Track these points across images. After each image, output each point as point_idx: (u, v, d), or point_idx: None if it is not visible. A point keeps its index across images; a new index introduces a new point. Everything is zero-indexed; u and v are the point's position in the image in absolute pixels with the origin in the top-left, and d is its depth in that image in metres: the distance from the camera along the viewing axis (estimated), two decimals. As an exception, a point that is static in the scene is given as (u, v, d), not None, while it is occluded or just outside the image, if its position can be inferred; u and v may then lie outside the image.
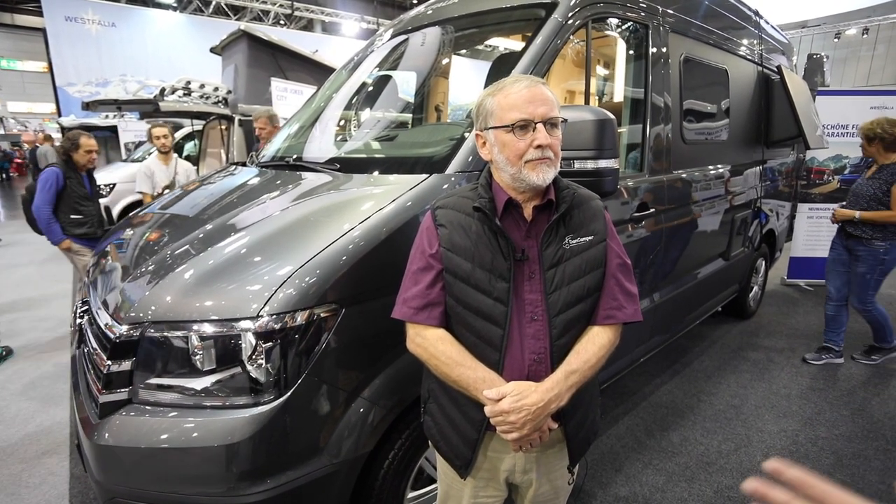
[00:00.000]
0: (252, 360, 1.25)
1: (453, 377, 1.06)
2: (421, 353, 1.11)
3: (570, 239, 1.08)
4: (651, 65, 2.34)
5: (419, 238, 1.13)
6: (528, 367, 1.06)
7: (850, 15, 20.07)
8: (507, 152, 1.03)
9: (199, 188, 2.32)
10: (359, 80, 2.66)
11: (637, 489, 2.17)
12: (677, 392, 3.04)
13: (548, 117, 1.01)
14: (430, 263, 1.09)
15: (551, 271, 1.06)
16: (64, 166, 3.43)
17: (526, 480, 1.19)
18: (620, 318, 1.10)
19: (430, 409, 1.22)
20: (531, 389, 1.01)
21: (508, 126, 1.02)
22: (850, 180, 5.08)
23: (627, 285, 1.12)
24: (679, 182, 2.56)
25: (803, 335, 3.94)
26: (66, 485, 2.24)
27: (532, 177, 1.02)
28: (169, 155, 4.34)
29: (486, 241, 1.06)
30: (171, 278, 1.38)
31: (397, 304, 1.13)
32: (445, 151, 1.65)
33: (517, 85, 1.03)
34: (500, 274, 1.05)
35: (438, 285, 1.09)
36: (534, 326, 1.06)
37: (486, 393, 1.02)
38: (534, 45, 1.81)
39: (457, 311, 1.08)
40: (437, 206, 1.13)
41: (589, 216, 1.11)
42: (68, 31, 14.63)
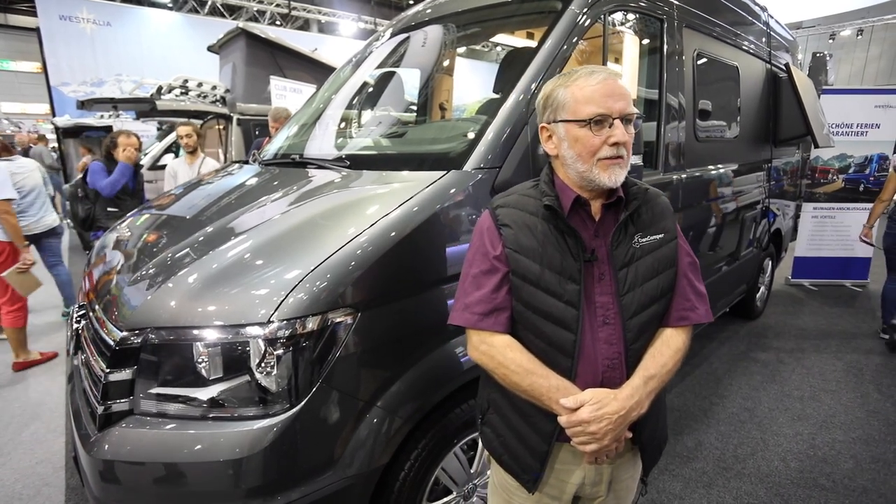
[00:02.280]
0: (261, 368, 1.18)
1: (524, 386, 0.99)
2: (487, 361, 1.03)
3: (639, 238, 1.02)
4: (665, 60, 2.28)
5: (478, 239, 1.06)
6: (602, 374, 1.00)
7: (844, 16, 20.19)
8: (580, 148, 0.97)
9: (206, 187, 2.25)
10: (362, 77, 2.59)
11: (655, 496, 2.11)
12: (689, 395, 2.98)
13: (625, 113, 0.95)
14: (494, 266, 1.02)
15: (623, 271, 1.00)
16: (106, 161, 3.70)
17: (594, 493, 1.12)
18: (694, 319, 1.05)
19: (490, 421, 1.14)
20: (611, 397, 0.95)
21: (584, 121, 0.95)
22: (854, 179, 5.07)
23: (698, 285, 1.08)
24: (692, 180, 2.51)
25: (811, 336, 3.90)
26: (61, 495, 2.15)
27: (603, 177, 0.96)
28: (196, 154, 4.26)
29: (553, 242, 1.00)
30: (174, 282, 1.30)
31: (456, 311, 1.05)
32: (462, 147, 1.58)
33: (594, 77, 0.96)
34: (570, 276, 0.99)
35: (504, 289, 1.02)
36: (606, 330, 1.00)
37: (563, 402, 0.95)
38: (551, 39, 1.74)
39: (525, 317, 1.02)
40: (497, 204, 1.07)
41: (658, 213, 1.05)
42: (63, 30, 14.45)
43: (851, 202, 5.07)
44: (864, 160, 5.01)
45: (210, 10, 17.81)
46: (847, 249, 5.14)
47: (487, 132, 1.56)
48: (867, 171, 5.02)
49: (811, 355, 3.52)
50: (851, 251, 5.13)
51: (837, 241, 5.15)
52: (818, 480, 2.22)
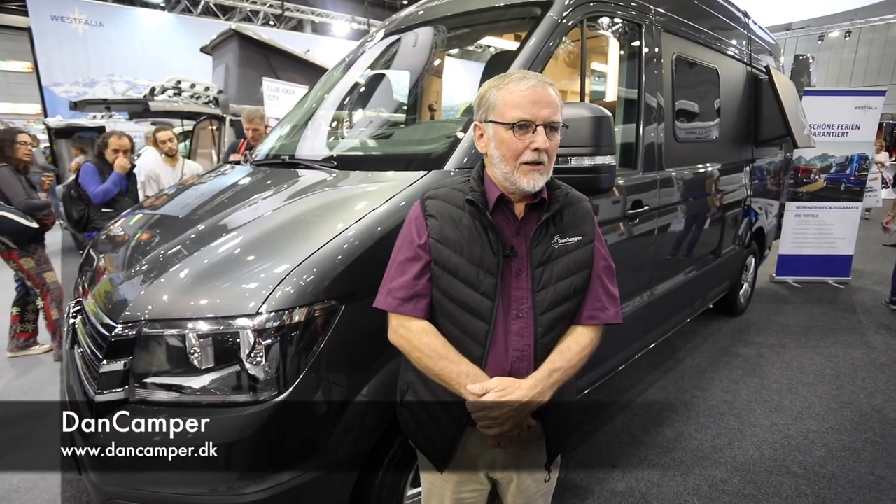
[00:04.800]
0: (251, 357, 1.24)
1: (436, 370, 1.05)
2: (403, 344, 1.10)
3: (559, 238, 1.08)
4: (644, 64, 2.36)
5: (406, 227, 1.12)
6: (510, 364, 1.06)
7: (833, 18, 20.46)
8: (504, 149, 1.03)
9: (198, 187, 2.30)
10: (353, 79, 2.66)
11: (633, 484, 2.19)
12: (671, 388, 3.07)
13: (549, 121, 1.01)
14: (418, 254, 1.08)
15: (539, 269, 1.07)
16: (98, 162, 3.69)
17: (506, 476, 1.19)
18: (603, 319, 1.11)
19: (407, 402, 1.19)
20: (515, 386, 1.01)
21: (509, 124, 1.01)
22: (836, 179, 5.18)
23: (611, 288, 1.14)
24: (672, 180, 2.59)
25: (793, 331, 4.00)
26: (57, 489, 2.20)
27: (522, 182, 1.02)
28: (175, 157, 4.30)
29: (476, 236, 1.05)
30: (167, 277, 1.37)
31: (381, 294, 1.11)
32: (443, 148, 1.66)
33: (523, 83, 1.02)
34: (488, 269, 1.05)
35: (426, 277, 1.08)
36: (519, 323, 1.06)
37: (469, 387, 1.01)
38: (529, 43, 1.82)
39: (442, 305, 1.08)
40: (428, 196, 1.12)
41: (579, 217, 1.11)
42: (54, 30, 14.39)
43: (833, 201, 5.19)
44: (844, 160, 5.13)
45: (203, 10, 17.77)
46: (830, 247, 5.26)
47: (466, 134, 1.63)
48: (848, 170, 5.14)
49: (791, 350, 3.62)
50: (834, 249, 5.25)
51: (820, 239, 5.26)
52: (790, 468, 2.31)
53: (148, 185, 4.23)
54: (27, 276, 3.35)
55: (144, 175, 4.27)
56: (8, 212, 3.15)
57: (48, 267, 3.43)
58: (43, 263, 3.40)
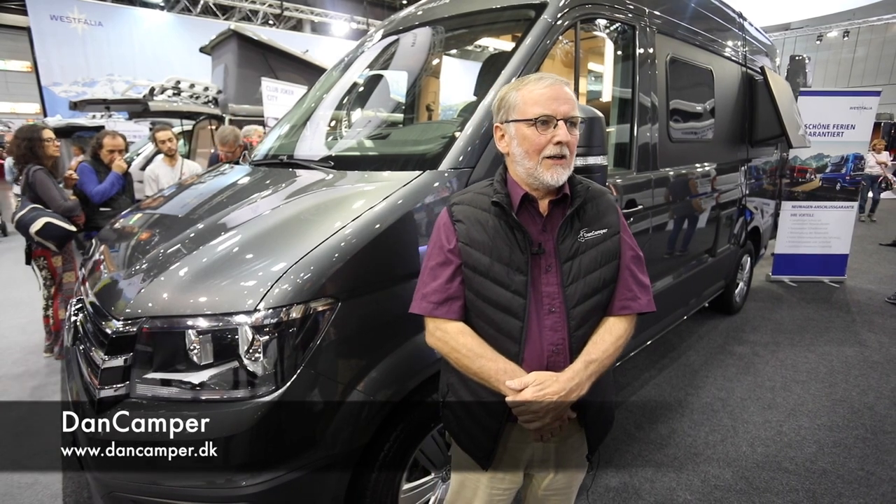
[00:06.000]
0: (249, 354, 1.27)
1: (474, 369, 1.08)
2: (441, 346, 1.13)
3: (584, 232, 1.11)
4: (638, 65, 2.39)
5: (436, 234, 1.16)
6: (547, 359, 1.09)
7: (831, 18, 20.52)
8: (527, 145, 1.06)
9: (197, 187, 2.33)
10: (351, 79, 2.68)
11: (627, 480, 2.22)
12: (665, 386, 3.10)
13: (569, 116, 1.05)
14: (448, 258, 1.11)
15: (568, 264, 1.10)
16: (93, 162, 3.71)
17: (543, 470, 1.22)
18: (635, 308, 1.14)
19: (449, 403, 1.23)
20: (553, 379, 1.04)
21: (531, 120, 1.05)
22: (831, 178, 5.22)
23: (641, 277, 1.16)
24: (666, 179, 2.62)
25: (787, 330, 4.04)
26: (58, 484, 2.23)
27: (546, 176, 1.05)
28: (175, 157, 4.32)
29: (503, 236, 1.09)
30: (167, 275, 1.39)
31: (416, 300, 1.15)
32: (438, 149, 1.68)
33: (542, 82, 1.07)
34: (517, 267, 1.08)
35: (458, 280, 1.11)
36: (552, 318, 1.09)
37: (508, 383, 1.04)
38: (524, 45, 1.84)
39: (476, 305, 1.11)
40: (454, 202, 1.16)
41: (602, 210, 1.15)
42: (54, 29, 14.42)
43: (829, 201, 5.23)
44: (840, 160, 5.17)
45: (202, 9, 17.78)
46: (825, 246, 5.30)
47: (462, 134, 1.66)
48: (843, 170, 5.17)
49: (786, 348, 3.65)
50: (829, 248, 5.29)
51: (816, 238, 5.30)
52: (782, 464, 2.34)
53: (147, 185, 4.25)
54: (52, 272, 3.37)
55: (145, 175, 4.30)
56: (54, 218, 3.18)
57: (71, 267, 3.46)
58: (68, 262, 3.44)
